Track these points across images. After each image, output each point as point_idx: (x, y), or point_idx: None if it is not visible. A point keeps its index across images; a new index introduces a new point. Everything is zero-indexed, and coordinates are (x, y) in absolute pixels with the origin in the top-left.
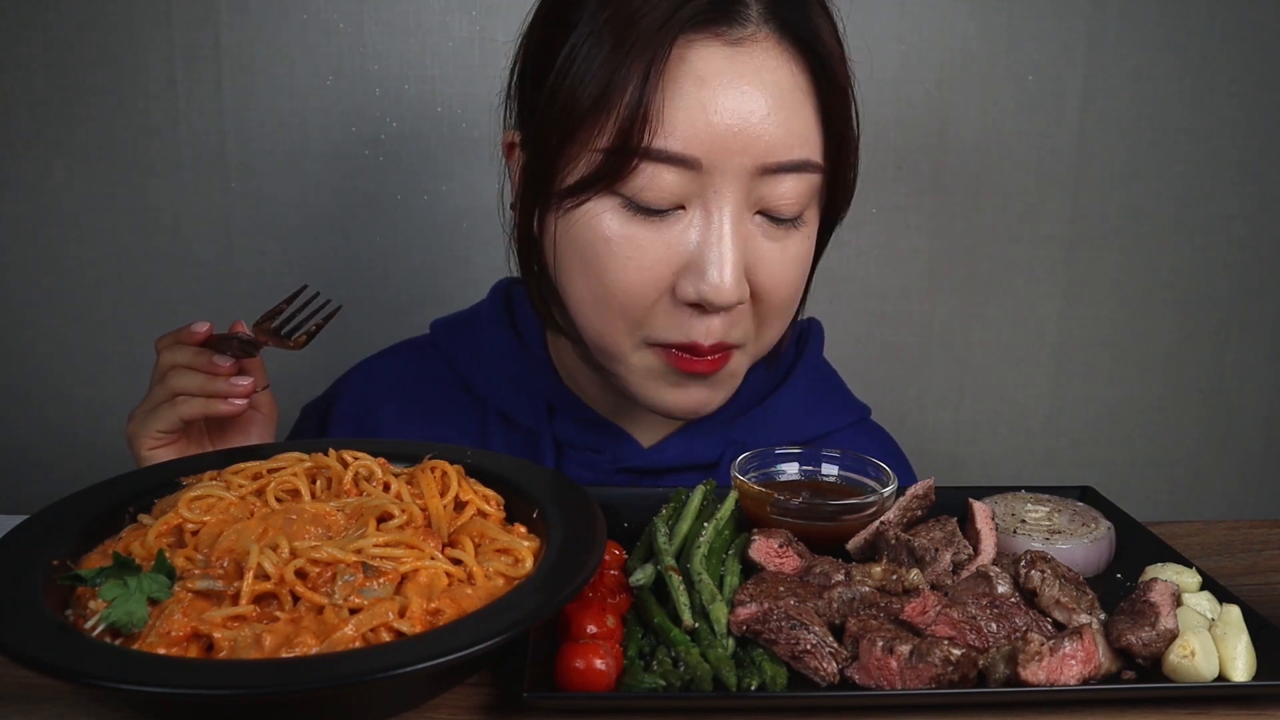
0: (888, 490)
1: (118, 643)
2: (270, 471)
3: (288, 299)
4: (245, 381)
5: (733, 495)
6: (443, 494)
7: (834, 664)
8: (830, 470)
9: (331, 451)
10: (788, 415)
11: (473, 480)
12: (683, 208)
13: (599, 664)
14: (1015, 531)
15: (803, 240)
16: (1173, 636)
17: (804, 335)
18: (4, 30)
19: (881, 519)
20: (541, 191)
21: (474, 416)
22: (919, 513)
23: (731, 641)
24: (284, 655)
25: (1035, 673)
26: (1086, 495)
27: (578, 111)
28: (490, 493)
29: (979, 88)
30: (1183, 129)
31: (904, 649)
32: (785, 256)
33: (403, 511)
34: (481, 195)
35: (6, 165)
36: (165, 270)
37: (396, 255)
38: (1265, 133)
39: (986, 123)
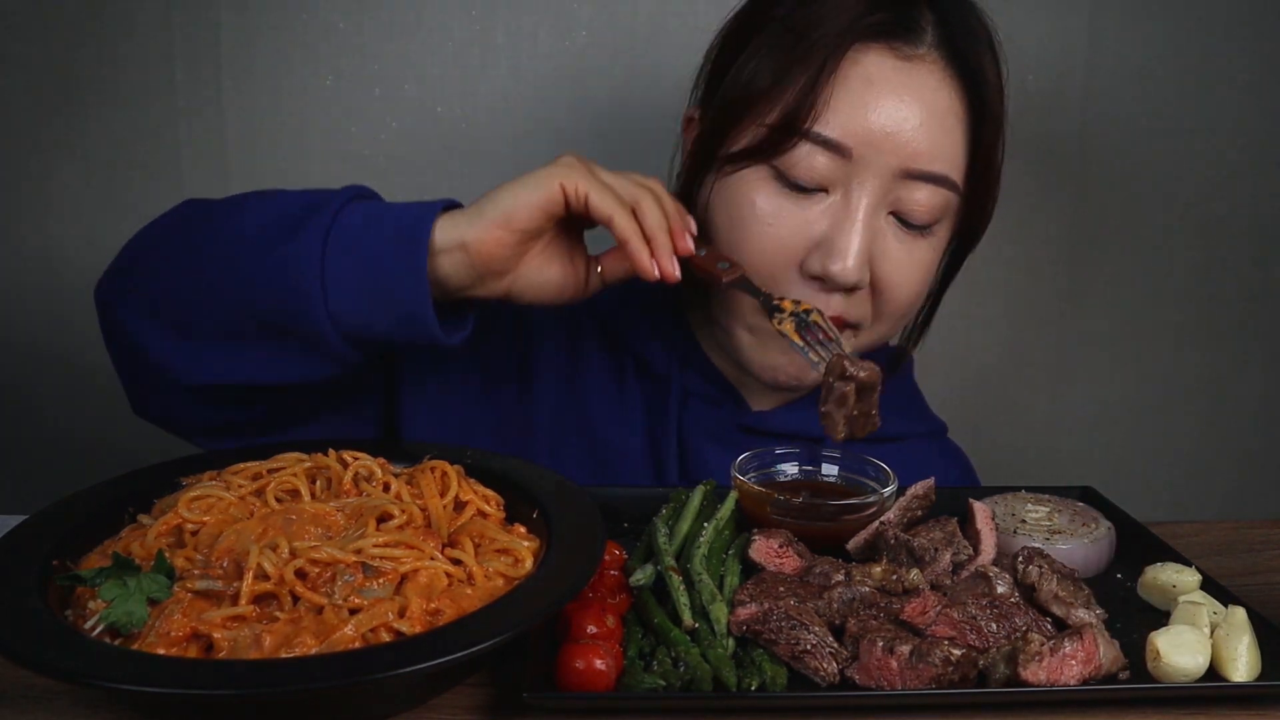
0: (888, 490)
1: (118, 643)
2: (270, 471)
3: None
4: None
5: (732, 495)
6: (443, 494)
7: (834, 664)
8: (830, 470)
9: (331, 452)
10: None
11: (473, 480)
12: (825, 191)
13: (599, 664)
14: (1015, 532)
15: (928, 250)
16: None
17: (901, 355)
18: (4, 30)
19: (881, 519)
20: (708, 157)
21: (613, 357)
22: (919, 513)
23: (731, 641)
24: (284, 655)
25: (1035, 673)
26: (1086, 495)
27: (757, 90)
28: (490, 493)
29: None
30: (1183, 129)
31: (904, 649)
32: (909, 259)
33: (402, 512)
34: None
35: (6, 165)
36: None
37: None
38: (1266, 132)
39: None
